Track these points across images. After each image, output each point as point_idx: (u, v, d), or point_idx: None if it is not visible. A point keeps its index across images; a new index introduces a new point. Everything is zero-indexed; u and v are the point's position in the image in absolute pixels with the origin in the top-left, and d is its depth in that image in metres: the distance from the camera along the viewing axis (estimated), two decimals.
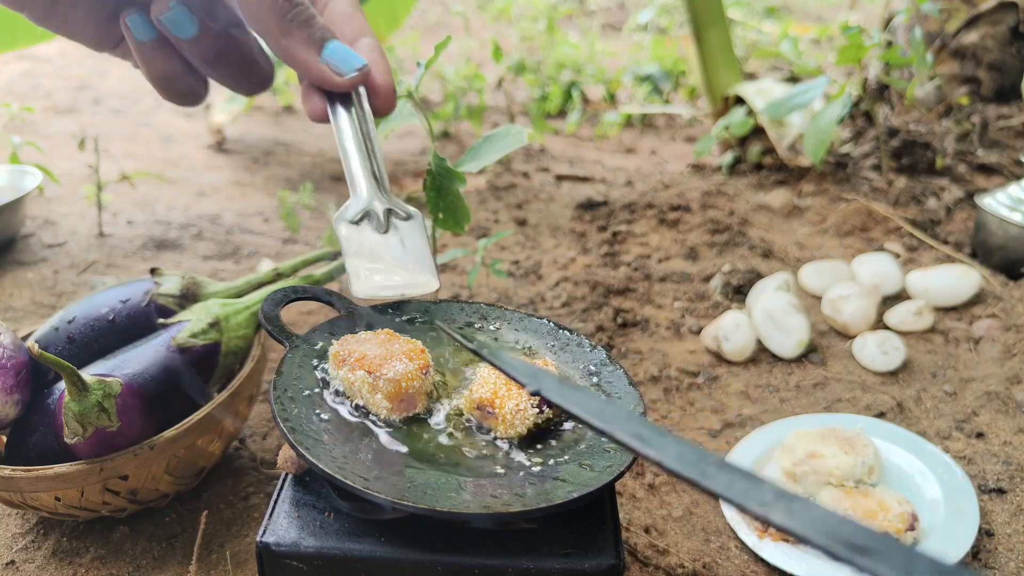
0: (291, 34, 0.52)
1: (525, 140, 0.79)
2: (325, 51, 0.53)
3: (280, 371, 0.56)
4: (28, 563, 0.70)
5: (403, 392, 0.54)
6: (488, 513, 0.46)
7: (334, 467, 0.47)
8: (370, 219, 0.56)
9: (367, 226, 0.56)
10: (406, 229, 0.57)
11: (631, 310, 1.11)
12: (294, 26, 0.52)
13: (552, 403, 0.40)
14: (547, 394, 0.39)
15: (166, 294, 0.80)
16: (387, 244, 0.56)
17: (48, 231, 1.37)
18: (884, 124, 1.61)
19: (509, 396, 0.54)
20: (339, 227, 0.56)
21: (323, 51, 0.53)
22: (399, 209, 0.57)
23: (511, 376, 0.43)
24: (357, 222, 0.56)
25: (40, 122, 1.94)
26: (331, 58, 0.53)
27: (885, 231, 1.33)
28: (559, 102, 2.24)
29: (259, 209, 1.49)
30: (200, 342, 0.75)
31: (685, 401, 0.93)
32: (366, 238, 0.56)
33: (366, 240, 0.56)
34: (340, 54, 0.53)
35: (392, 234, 0.56)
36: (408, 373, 0.54)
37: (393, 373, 0.54)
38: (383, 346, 0.57)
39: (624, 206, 1.45)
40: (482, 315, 0.68)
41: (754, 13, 3.18)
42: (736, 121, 1.56)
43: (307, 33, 0.52)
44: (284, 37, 0.52)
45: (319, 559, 0.49)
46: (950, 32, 1.74)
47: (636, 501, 0.77)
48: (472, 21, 3.09)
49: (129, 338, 0.76)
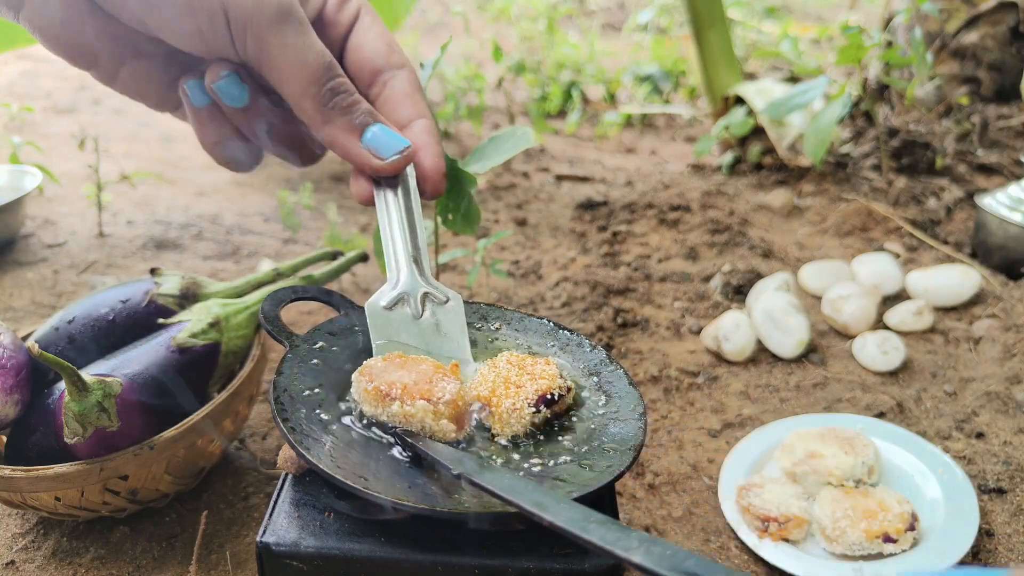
0: (332, 121, 0.53)
1: (531, 142, 0.79)
2: (366, 136, 0.54)
3: (280, 371, 0.56)
4: (28, 563, 0.70)
5: (461, 411, 0.53)
6: (488, 513, 0.46)
7: (334, 467, 0.47)
8: (405, 303, 0.56)
9: (401, 310, 0.57)
10: (443, 313, 0.58)
11: (631, 310, 1.11)
12: (335, 114, 0.53)
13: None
14: (468, 475, 0.45)
15: (166, 294, 0.79)
16: (420, 328, 0.57)
17: (48, 231, 1.37)
18: (884, 124, 1.61)
19: (506, 395, 0.53)
20: (369, 313, 0.56)
21: (364, 136, 0.54)
22: (437, 293, 0.57)
23: (433, 459, 0.49)
24: (391, 308, 0.57)
25: (40, 122, 1.94)
26: (372, 143, 0.54)
27: (885, 231, 1.33)
28: (559, 102, 2.24)
29: (259, 209, 1.49)
30: (200, 342, 0.74)
31: (685, 401, 0.93)
32: (396, 323, 0.56)
33: (395, 324, 0.56)
34: (381, 139, 0.54)
35: (427, 318, 0.57)
36: (458, 391, 0.53)
37: (449, 395, 0.52)
38: (412, 370, 0.54)
39: (624, 206, 1.45)
40: (482, 315, 0.68)
41: (754, 13, 3.18)
42: (736, 121, 1.57)
43: (347, 120, 0.54)
44: (326, 124, 0.54)
45: (319, 559, 0.49)
46: (950, 32, 1.74)
47: (636, 501, 0.77)
48: (472, 21, 3.09)
49: (129, 338, 0.76)
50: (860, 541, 0.67)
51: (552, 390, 0.55)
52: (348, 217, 1.45)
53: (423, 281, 0.57)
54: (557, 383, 0.56)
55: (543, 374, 0.57)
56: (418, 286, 0.57)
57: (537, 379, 0.56)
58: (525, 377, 0.56)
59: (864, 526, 0.68)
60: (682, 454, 0.84)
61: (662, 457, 0.84)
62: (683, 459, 0.83)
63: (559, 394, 0.55)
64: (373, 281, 1.21)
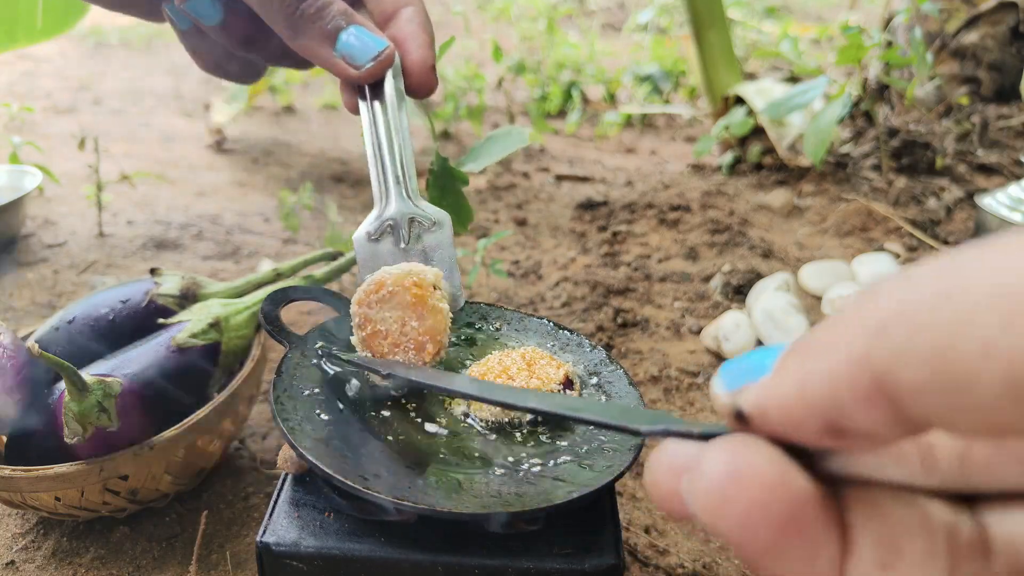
0: (302, 31, 0.49)
1: (527, 141, 0.79)
2: (339, 43, 0.49)
3: (280, 371, 0.56)
4: (28, 563, 0.70)
5: (437, 327, 0.52)
6: (487, 513, 0.46)
7: (334, 466, 0.47)
8: (393, 231, 0.53)
9: (387, 241, 0.54)
10: (431, 240, 0.54)
11: (631, 310, 1.11)
12: (304, 21, 0.49)
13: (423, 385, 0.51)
14: (396, 374, 0.49)
15: (166, 294, 0.79)
16: (408, 258, 0.54)
17: (48, 231, 1.37)
18: (884, 124, 1.61)
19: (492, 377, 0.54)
20: (357, 246, 0.54)
21: (337, 43, 0.49)
22: (425, 217, 0.54)
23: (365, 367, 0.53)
24: (377, 238, 0.54)
25: (40, 122, 1.94)
26: (345, 49, 0.50)
27: (885, 231, 1.33)
28: (559, 102, 2.24)
29: (259, 209, 1.49)
30: (200, 342, 0.74)
31: (685, 401, 0.93)
32: (384, 255, 0.53)
33: (383, 256, 0.53)
34: (355, 43, 0.50)
35: (414, 247, 0.54)
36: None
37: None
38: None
39: (624, 206, 1.45)
40: (482, 315, 0.68)
41: (754, 13, 3.18)
42: (736, 121, 1.57)
43: (318, 26, 0.49)
44: (296, 37, 0.50)
45: (319, 559, 0.49)
46: (950, 32, 1.74)
47: (636, 501, 0.77)
48: (472, 21, 3.09)
49: (129, 338, 0.76)
50: None
51: (539, 391, 0.55)
52: (348, 217, 1.45)
53: (410, 203, 0.54)
54: (549, 387, 0.56)
55: (543, 375, 0.57)
56: (405, 211, 0.54)
57: (533, 378, 0.56)
58: (524, 373, 0.56)
59: None
60: None
61: None
62: None
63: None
64: None
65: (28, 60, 2.53)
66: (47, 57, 2.61)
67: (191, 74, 2.51)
